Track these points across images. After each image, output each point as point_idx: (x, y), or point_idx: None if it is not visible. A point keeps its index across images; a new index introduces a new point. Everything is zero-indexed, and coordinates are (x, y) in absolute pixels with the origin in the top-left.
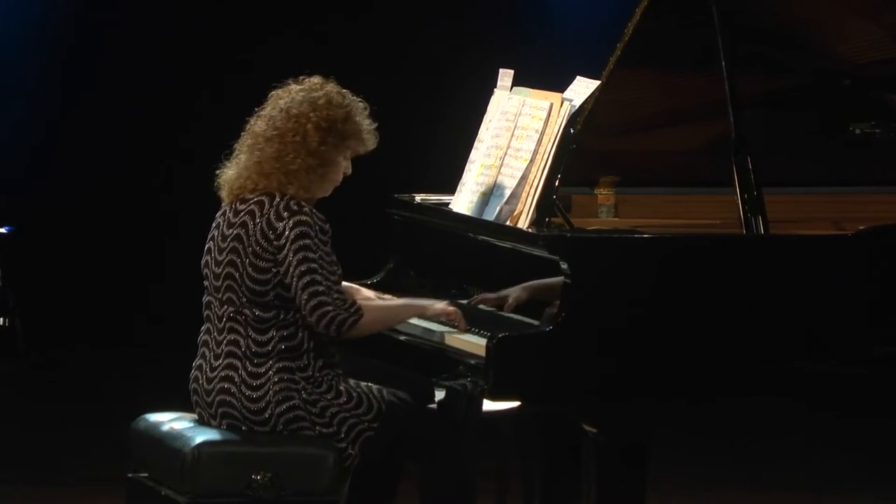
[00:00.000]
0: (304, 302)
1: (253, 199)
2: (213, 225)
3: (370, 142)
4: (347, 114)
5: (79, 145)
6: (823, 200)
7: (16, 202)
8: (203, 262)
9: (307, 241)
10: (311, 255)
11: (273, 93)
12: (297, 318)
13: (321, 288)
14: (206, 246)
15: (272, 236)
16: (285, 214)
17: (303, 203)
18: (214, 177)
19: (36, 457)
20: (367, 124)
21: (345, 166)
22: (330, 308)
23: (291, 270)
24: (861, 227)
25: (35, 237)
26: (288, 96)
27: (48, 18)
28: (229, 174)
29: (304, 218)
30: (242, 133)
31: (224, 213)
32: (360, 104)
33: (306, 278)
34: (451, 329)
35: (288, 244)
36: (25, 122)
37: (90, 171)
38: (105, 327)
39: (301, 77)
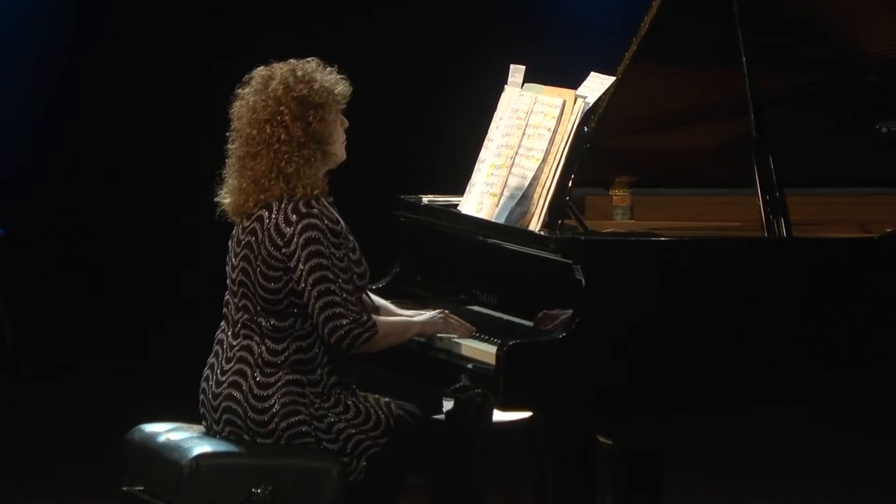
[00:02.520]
0: (317, 312)
1: (262, 203)
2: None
3: (344, 89)
4: (309, 83)
5: (76, 147)
6: (849, 202)
7: (9, 205)
8: (227, 259)
9: (318, 247)
10: (322, 261)
11: (232, 106)
12: (314, 328)
13: (337, 298)
14: (229, 243)
15: (281, 242)
16: (294, 218)
17: (312, 203)
18: (214, 194)
19: (27, 470)
20: (329, 77)
21: (339, 122)
22: (345, 321)
23: (304, 279)
24: (888, 230)
25: (28, 241)
26: (246, 105)
27: (47, 18)
28: (228, 201)
29: (313, 221)
30: (226, 158)
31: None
32: (311, 64)
33: (320, 286)
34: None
35: (298, 250)
36: (21, 123)
37: (87, 173)
38: (100, 335)
39: (243, 79)
